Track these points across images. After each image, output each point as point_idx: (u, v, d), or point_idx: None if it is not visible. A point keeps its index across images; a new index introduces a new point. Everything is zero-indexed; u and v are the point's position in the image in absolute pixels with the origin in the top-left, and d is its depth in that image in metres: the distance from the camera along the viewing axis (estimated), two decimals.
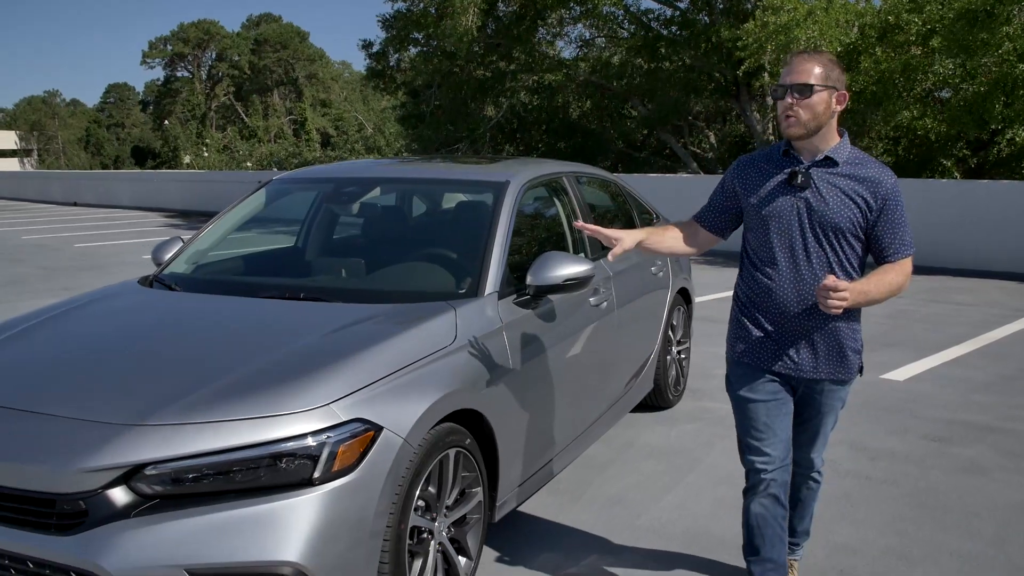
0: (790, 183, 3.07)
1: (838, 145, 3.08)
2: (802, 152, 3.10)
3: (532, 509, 4.39)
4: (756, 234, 3.20)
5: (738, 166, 3.30)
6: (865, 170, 3.05)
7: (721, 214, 3.36)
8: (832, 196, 3.03)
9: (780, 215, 3.10)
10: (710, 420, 5.81)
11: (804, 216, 3.06)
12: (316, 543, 2.74)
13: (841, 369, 3.17)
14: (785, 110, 3.02)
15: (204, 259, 4.65)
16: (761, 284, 3.18)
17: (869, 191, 3.02)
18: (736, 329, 3.31)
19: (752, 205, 3.18)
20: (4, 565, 2.82)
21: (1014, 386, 6.63)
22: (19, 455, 2.82)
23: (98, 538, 2.68)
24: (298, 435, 2.79)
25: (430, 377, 3.24)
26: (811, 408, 3.28)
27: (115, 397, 2.99)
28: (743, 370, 3.26)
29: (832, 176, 3.05)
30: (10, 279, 12.84)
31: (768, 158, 3.21)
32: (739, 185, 3.25)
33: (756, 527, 3.30)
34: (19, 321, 3.91)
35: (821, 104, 2.99)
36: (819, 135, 3.04)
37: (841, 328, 3.12)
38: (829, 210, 3.02)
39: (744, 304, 3.28)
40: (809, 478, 3.46)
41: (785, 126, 3.04)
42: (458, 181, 4.95)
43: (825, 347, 3.13)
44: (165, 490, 2.74)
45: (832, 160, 3.05)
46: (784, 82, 3.02)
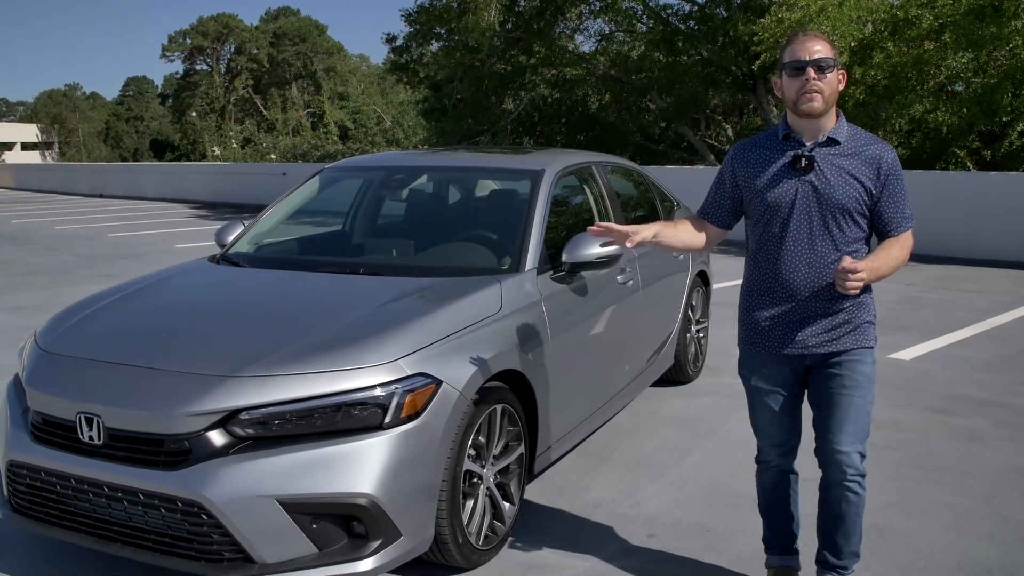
0: (794, 167, 3.08)
1: (838, 125, 3.10)
2: (803, 134, 3.10)
3: (565, 467, 4.83)
4: (761, 221, 3.19)
5: (736, 155, 3.29)
6: (866, 148, 3.08)
7: (724, 206, 3.34)
8: (836, 177, 3.04)
9: (786, 200, 3.10)
10: (727, 394, 6.22)
11: (810, 199, 3.06)
12: (386, 478, 3.18)
13: (854, 337, 3.15)
14: (803, 87, 3.00)
15: (265, 240, 5.10)
16: (768, 270, 3.18)
17: (872, 168, 3.05)
18: (746, 317, 3.31)
19: (756, 192, 3.17)
20: (117, 498, 3.27)
21: (1014, 366, 7.02)
22: (132, 402, 3.27)
23: (200, 473, 3.13)
24: (371, 386, 3.24)
25: (480, 340, 3.67)
26: (832, 384, 3.17)
27: (211, 354, 3.44)
28: (754, 358, 3.30)
29: (835, 157, 3.06)
30: (53, 267, 13.34)
31: (766, 143, 3.21)
32: (740, 173, 3.24)
33: (770, 497, 3.49)
34: (108, 294, 4.37)
35: (835, 81, 3.04)
36: (827, 115, 3.06)
37: (851, 303, 3.13)
38: (834, 192, 3.03)
39: (753, 292, 3.27)
40: (845, 487, 3.20)
41: (805, 102, 3.01)
42: (499, 169, 5.42)
43: (837, 323, 3.12)
44: (256, 432, 3.19)
45: (834, 140, 3.07)
46: (801, 57, 2.99)
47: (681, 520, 4.22)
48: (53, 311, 9.01)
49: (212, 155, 62.75)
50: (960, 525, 4.16)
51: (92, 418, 3.28)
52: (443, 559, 3.56)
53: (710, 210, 3.37)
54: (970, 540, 4.00)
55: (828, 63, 2.99)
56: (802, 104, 3.02)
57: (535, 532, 4.07)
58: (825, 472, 3.24)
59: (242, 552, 3.13)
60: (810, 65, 2.98)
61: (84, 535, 3.41)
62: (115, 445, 3.28)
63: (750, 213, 3.25)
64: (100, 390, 3.35)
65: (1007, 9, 13.01)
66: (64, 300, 10.05)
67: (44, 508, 3.50)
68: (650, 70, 23.88)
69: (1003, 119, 14.62)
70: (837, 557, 3.33)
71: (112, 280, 11.53)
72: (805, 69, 2.99)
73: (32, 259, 14.29)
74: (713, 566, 3.78)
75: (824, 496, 3.29)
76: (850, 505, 3.22)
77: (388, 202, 5.43)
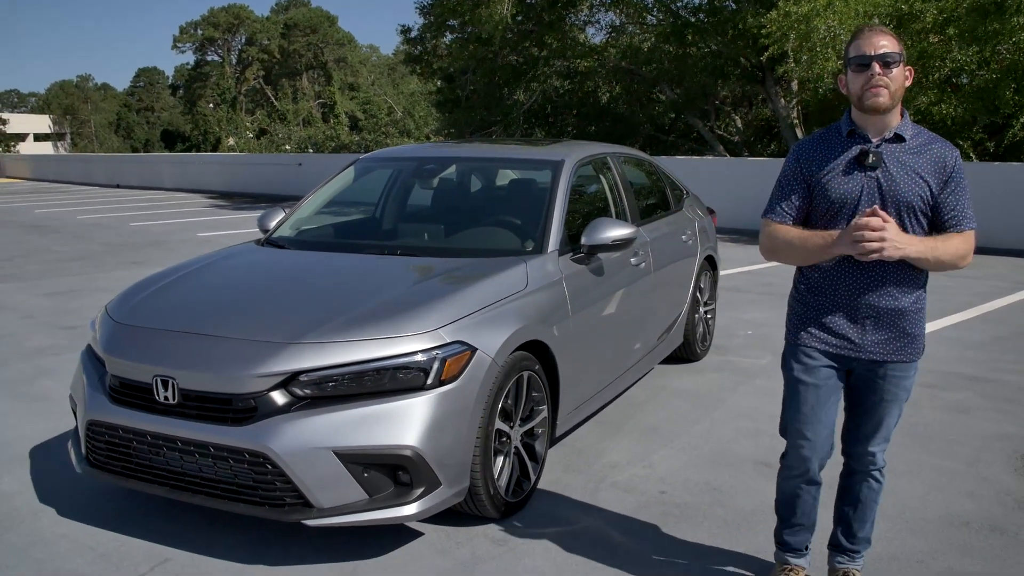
0: (860, 163, 3.04)
1: (904, 122, 3.08)
2: (868, 130, 3.07)
3: (583, 434, 5.26)
4: (824, 217, 3.13)
5: (800, 151, 3.22)
6: (931, 146, 3.06)
7: (800, 206, 3.20)
8: (901, 174, 3.01)
9: (852, 196, 3.05)
10: (733, 371, 6.63)
11: (875, 196, 3.02)
12: (428, 433, 3.60)
13: (904, 351, 3.13)
14: (868, 81, 2.96)
15: (306, 225, 5.53)
16: (827, 267, 3.14)
17: (936, 166, 3.02)
18: (798, 313, 3.27)
19: (821, 188, 3.11)
20: (190, 451, 3.70)
21: (1005, 346, 7.41)
22: (203, 366, 3.70)
23: (265, 428, 3.55)
24: (414, 352, 3.66)
25: (509, 313, 4.09)
26: (874, 395, 3.20)
27: (272, 323, 3.87)
28: (800, 353, 3.24)
29: (901, 153, 3.03)
30: (81, 254, 13.80)
31: (829, 140, 3.17)
32: (805, 169, 3.17)
33: (789, 502, 3.44)
34: (169, 273, 4.80)
35: (901, 77, 3.01)
36: (892, 111, 3.04)
37: (907, 310, 3.10)
38: (900, 188, 3.00)
39: (808, 288, 3.23)
40: (869, 476, 3.34)
41: (871, 97, 2.97)
42: (522, 160, 5.85)
43: (889, 328, 3.10)
44: (314, 392, 3.61)
45: (900, 136, 3.05)
46: (867, 52, 2.96)
47: (689, 479, 4.64)
48: (88, 295, 9.57)
49: (227, 146, 63.26)
50: (943, 484, 4.56)
51: (167, 380, 3.71)
52: (476, 509, 3.98)
53: (791, 213, 3.20)
54: (952, 497, 4.41)
55: (894, 58, 2.96)
56: (867, 99, 2.99)
57: (558, 489, 4.50)
58: (848, 463, 3.37)
59: (302, 498, 3.56)
60: (876, 60, 2.95)
61: (157, 485, 3.84)
62: (188, 404, 3.71)
63: (815, 211, 3.17)
64: (175, 356, 3.78)
65: (1009, 6, 13.36)
66: (97, 285, 10.56)
67: (120, 462, 3.94)
68: (660, 62, 24.21)
69: (1006, 112, 14.96)
70: (850, 541, 3.43)
71: (140, 267, 12.02)
72: (871, 64, 2.95)
73: (60, 247, 14.76)
74: (719, 517, 4.19)
75: (845, 483, 3.40)
76: (871, 491, 3.34)
77: (420, 190, 5.85)
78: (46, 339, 7.83)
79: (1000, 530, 4.04)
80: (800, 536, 3.48)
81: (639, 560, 3.78)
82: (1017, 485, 4.54)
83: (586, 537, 3.99)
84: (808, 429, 3.25)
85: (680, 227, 6.51)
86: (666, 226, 6.30)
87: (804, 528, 3.47)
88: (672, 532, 4.04)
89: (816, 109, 20.55)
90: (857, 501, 3.36)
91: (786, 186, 3.21)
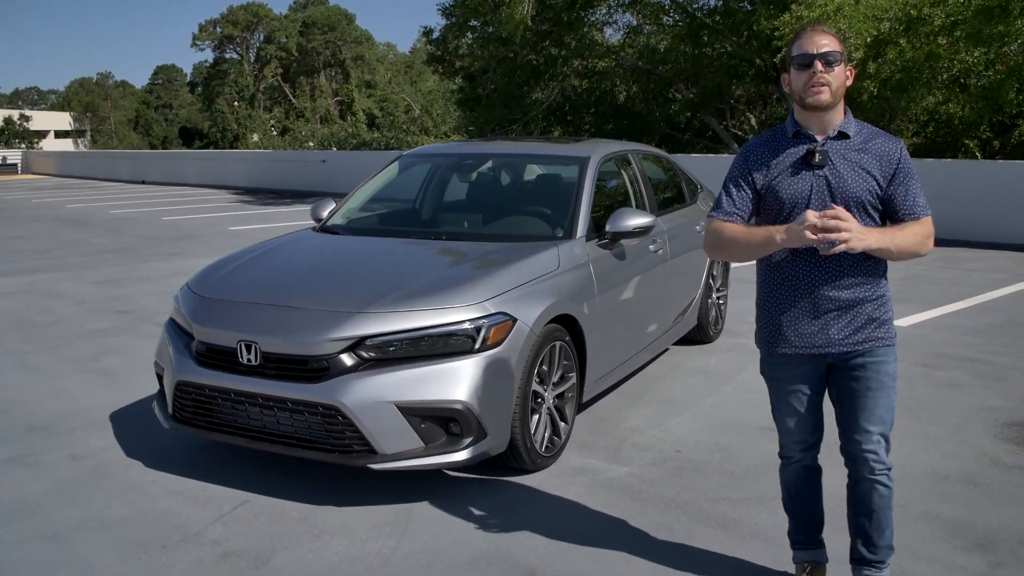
0: (808, 163, 3.07)
1: (847, 119, 3.12)
2: (813, 129, 3.12)
3: (606, 403, 5.83)
4: (775, 218, 3.15)
5: (748, 153, 3.26)
6: (875, 141, 3.10)
7: (747, 206, 3.24)
8: (848, 171, 3.05)
9: (802, 196, 3.08)
10: (743, 351, 7.19)
11: (825, 194, 3.05)
12: (476, 390, 4.18)
13: (875, 337, 3.14)
14: (811, 79, 3.01)
15: (356, 214, 6.13)
16: (787, 269, 3.17)
17: (881, 161, 3.06)
18: (766, 318, 3.30)
19: (770, 190, 3.16)
20: (269, 406, 4.29)
21: (999, 331, 7.94)
22: (283, 332, 4.30)
23: (337, 384, 4.14)
24: (463, 320, 4.25)
25: (544, 290, 4.67)
26: (858, 384, 3.18)
27: (340, 296, 4.48)
28: (774, 359, 3.32)
29: (846, 151, 3.07)
30: (120, 247, 14.45)
31: (775, 142, 3.21)
32: (754, 171, 3.20)
33: (793, 495, 3.52)
34: (240, 255, 5.40)
35: (842, 75, 3.05)
36: (835, 109, 3.08)
37: (868, 298, 3.12)
38: (848, 185, 3.03)
39: (773, 292, 3.25)
40: (876, 482, 3.23)
41: (812, 95, 3.02)
42: (552, 156, 6.48)
43: (856, 319, 3.12)
44: (378, 355, 4.20)
45: (845, 134, 3.09)
46: (808, 51, 3.01)
47: (701, 441, 5.20)
48: (134, 284, 10.23)
49: (252, 142, 64.07)
50: (929, 447, 5.11)
51: (251, 345, 4.30)
52: (514, 461, 4.55)
53: (737, 211, 3.24)
54: (935, 457, 4.96)
55: (835, 57, 3.01)
56: (809, 97, 3.03)
57: (584, 447, 5.07)
58: (852, 468, 3.29)
59: (367, 445, 4.15)
60: (817, 59, 2.99)
61: (239, 437, 4.44)
62: (268, 365, 4.30)
63: (764, 212, 3.21)
64: (257, 323, 4.38)
65: (1013, 9, 13.87)
66: (140, 275, 11.20)
67: (205, 417, 4.53)
68: (676, 62, 24.72)
69: (1010, 112, 15.45)
70: (873, 552, 3.34)
71: (178, 258, 12.67)
72: (813, 63, 3.00)
73: (97, 240, 15.41)
74: (727, 471, 4.75)
75: (853, 492, 3.33)
76: (881, 498, 3.25)
77: (459, 183, 6.44)
78: (103, 322, 8.45)
79: (975, 483, 4.59)
80: (811, 526, 3.53)
81: (657, 502, 4.35)
82: (995, 448, 5.09)
83: (611, 485, 4.57)
84: (798, 428, 3.35)
85: (694, 219, 7.07)
86: (682, 217, 6.87)
87: (813, 517, 3.52)
88: (686, 482, 4.61)
89: None
90: (870, 511, 3.28)
91: (733, 186, 3.25)
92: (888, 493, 3.26)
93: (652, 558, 3.81)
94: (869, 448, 3.20)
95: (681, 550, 3.88)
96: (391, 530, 4.08)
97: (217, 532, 4.07)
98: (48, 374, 6.67)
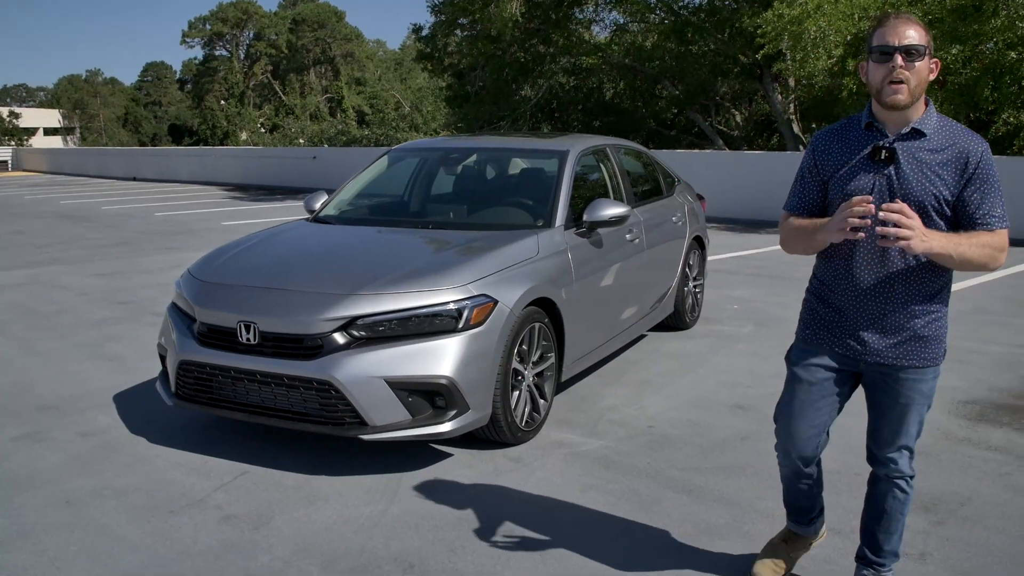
0: (873, 159, 2.89)
1: (925, 114, 2.88)
2: (887, 124, 2.91)
3: (585, 383, 6.17)
4: None
5: (817, 143, 3.11)
6: (954, 140, 2.86)
7: (815, 200, 3.12)
8: (915, 172, 2.85)
9: (862, 193, 2.88)
10: (718, 338, 7.53)
11: (885, 194, 2.86)
12: (460, 366, 4.50)
13: (918, 355, 2.98)
14: (888, 75, 2.79)
15: (347, 205, 6.45)
16: (838, 265, 3.03)
17: (958, 164, 2.84)
18: (809, 310, 3.20)
19: (835, 182, 3.00)
20: (267, 382, 4.60)
21: (965, 318, 8.28)
22: (280, 312, 4.61)
23: (330, 361, 4.45)
24: (448, 301, 4.57)
25: (524, 274, 4.99)
26: (888, 397, 3.07)
27: (333, 279, 4.79)
28: (805, 348, 3.19)
29: (918, 150, 2.86)
30: (117, 241, 14.73)
31: (847, 132, 3.04)
32: (821, 163, 3.06)
33: (788, 488, 3.49)
34: (238, 244, 5.70)
35: (925, 70, 2.82)
36: (914, 105, 2.86)
37: (919, 312, 2.95)
38: (912, 187, 2.84)
39: (819, 285, 3.15)
40: (893, 484, 3.20)
41: (890, 94, 2.81)
42: (533, 150, 6.79)
43: (900, 331, 2.97)
44: (368, 334, 4.51)
45: (920, 132, 2.87)
46: (890, 42, 2.77)
47: (674, 417, 5.53)
48: (134, 276, 10.53)
49: (241, 140, 64.30)
50: None
51: (250, 325, 4.62)
52: (495, 435, 4.87)
53: (802, 204, 3.13)
54: None
55: (919, 50, 2.77)
56: (886, 96, 2.82)
57: (563, 424, 5.40)
58: (873, 468, 3.28)
59: (358, 417, 4.46)
60: (899, 52, 2.76)
61: (238, 412, 4.75)
62: (265, 344, 4.61)
63: (830, 204, 3.04)
64: (255, 305, 4.70)
65: (987, 9, 14.24)
66: (140, 268, 11.49)
67: (207, 394, 4.84)
68: (662, 59, 25.10)
69: (987, 109, 15.82)
70: (876, 555, 3.32)
71: (176, 252, 12.96)
72: (893, 55, 2.77)
73: (95, 235, 15.68)
74: (697, 444, 5.08)
75: (871, 491, 3.31)
76: (896, 502, 3.22)
77: (445, 175, 6.77)
78: (106, 312, 8.75)
79: (927, 454, 4.92)
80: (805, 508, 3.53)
81: (629, 471, 4.68)
82: (948, 423, 5.44)
83: (586, 456, 4.90)
84: (792, 424, 3.23)
85: (671, 210, 7.41)
86: (658, 208, 7.20)
87: (807, 510, 3.53)
88: (657, 453, 4.94)
89: (811, 105, 21.45)
90: (882, 512, 3.25)
91: (800, 179, 3.15)
92: (904, 498, 3.22)
93: (623, 519, 4.14)
94: (891, 456, 3.17)
95: (650, 513, 4.21)
96: (381, 495, 4.40)
97: (219, 499, 4.39)
98: (55, 359, 6.97)
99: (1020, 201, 13.60)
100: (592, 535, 3.99)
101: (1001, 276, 10.71)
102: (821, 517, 3.62)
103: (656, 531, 4.03)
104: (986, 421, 5.48)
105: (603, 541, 3.94)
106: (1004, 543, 3.90)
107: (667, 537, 3.97)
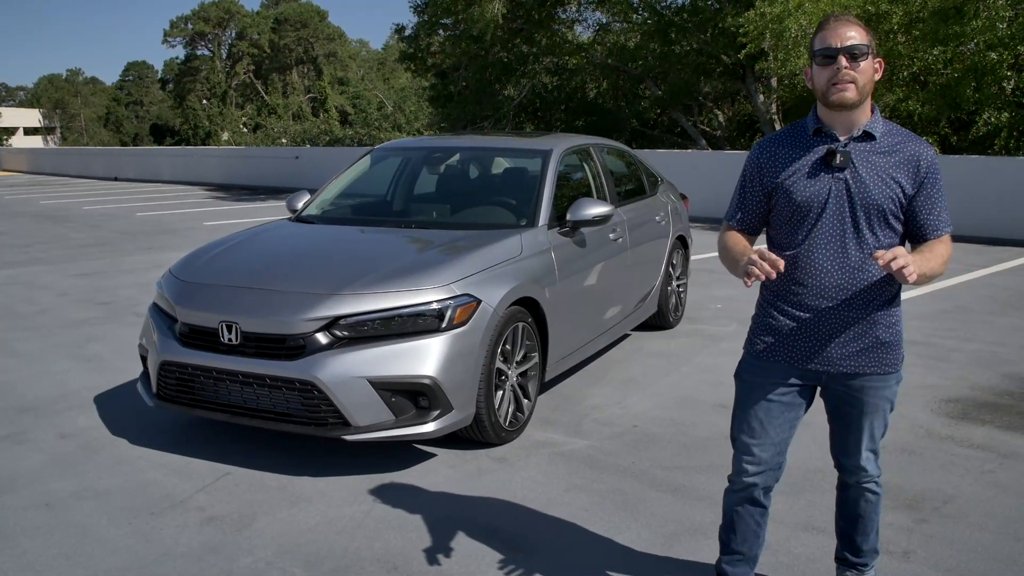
0: (828, 163, 2.81)
1: (873, 119, 2.85)
2: (836, 128, 2.85)
3: (569, 383, 6.16)
4: (788, 222, 2.91)
5: (760, 151, 3.00)
6: (903, 144, 2.83)
7: (757, 211, 3.02)
8: (871, 175, 2.79)
9: (818, 199, 2.83)
10: (701, 337, 7.54)
11: (844, 199, 2.81)
12: (443, 366, 4.48)
13: (879, 362, 2.93)
14: (834, 76, 2.74)
15: (330, 205, 6.43)
16: (795, 276, 2.91)
17: (910, 167, 2.80)
18: (762, 323, 3.05)
19: (784, 191, 2.89)
20: (249, 382, 4.58)
21: (946, 317, 8.32)
22: (262, 312, 4.59)
23: (312, 361, 4.43)
24: (431, 301, 4.55)
25: (507, 274, 4.98)
26: (853, 407, 3.00)
27: (315, 279, 4.77)
28: (758, 364, 3.05)
29: (871, 153, 2.82)
30: (98, 241, 14.64)
31: (793, 139, 2.95)
32: (767, 170, 2.95)
33: (731, 523, 3.25)
34: (220, 243, 5.67)
35: (870, 70, 2.78)
36: (861, 107, 2.81)
37: (880, 318, 2.90)
38: (870, 191, 2.78)
39: (773, 296, 3.01)
40: (865, 489, 3.17)
41: (836, 92, 2.75)
42: (516, 149, 6.77)
43: (862, 339, 2.90)
44: (351, 333, 4.49)
45: (870, 135, 2.82)
46: (832, 44, 2.73)
47: (658, 416, 5.54)
48: (115, 276, 10.46)
49: (223, 140, 64.05)
50: None
51: (232, 325, 4.59)
52: (479, 435, 4.86)
53: (743, 217, 3.05)
54: None
55: (862, 50, 2.73)
56: (832, 95, 2.76)
57: (547, 423, 5.39)
58: (841, 475, 3.23)
59: (341, 418, 4.44)
60: (842, 53, 2.72)
61: (220, 412, 4.72)
62: (247, 344, 4.59)
63: (775, 215, 2.96)
64: (237, 305, 4.67)
65: (967, 11, 14.32)
66: (121, 268, 11.42)
67: (188, 395, 4.81)
68: (645, 59, 25.13)
69: (968, 109, 15.91)
70: (856, 555, 3.32)
71: (157, 252, 12.90)
72: (836, 57, 2.73)
73: (76, 235, 15.57)
74: (680, 443, 5.09)
75: (843, 497, 3.27)
76: (868, 504, 3.20)
77: (428, 174, 6.75)
78: (86, 312, 8.69)
79: (909, 451, 4.95)
80: (739, 569, 3.28)
81: (613, 471, 4.68)
82: (929, 421, 5.46)
83: (571, 456, 4.89)
84: (755, 445, 3.07)
85: (654, 209, 7.41)
86: (642, 208, 7.20)
87: (744, 560, 3.27)
88: (642, 452, 4.94)
89: (794, 105, 21.52)
90: (857, 516, 3.22)
91: (741, 188, 3.06)
92: (876, 499, 3.19)
93: (606, 519, 4.14)
94: (860, 464, 3.11)
95: (633, 512, 4.21)
96: (364, 496, 4.39)
97: (201, 500, 4.36)
98: (36, 360, 6.92)
99: (999, 200, 13.78)
100: (576, 535, 3.99)
101: (983, 275, 10.78)
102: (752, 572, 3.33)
103: (641, 530, 4.02)
104: (969, 419, 5.50)
105: (587, 540, 3.94)
106: (987, 540, 3.92)
107: (652, 536, 3.97)
